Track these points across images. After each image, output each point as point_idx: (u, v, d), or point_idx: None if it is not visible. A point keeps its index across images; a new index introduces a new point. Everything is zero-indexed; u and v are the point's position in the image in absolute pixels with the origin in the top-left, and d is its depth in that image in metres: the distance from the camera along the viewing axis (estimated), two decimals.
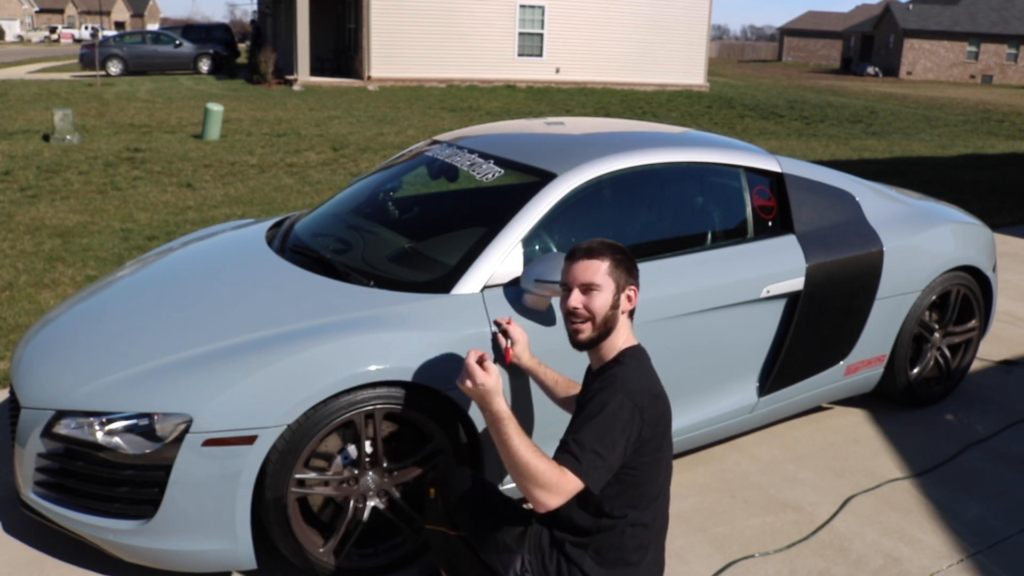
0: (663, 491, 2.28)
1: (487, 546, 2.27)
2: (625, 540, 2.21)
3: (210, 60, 28.13)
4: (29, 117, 14.72)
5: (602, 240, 2.40)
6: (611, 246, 2.37)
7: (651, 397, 2.18)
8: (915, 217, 4.04)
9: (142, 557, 2.60)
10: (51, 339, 2.97)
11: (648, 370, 2.27)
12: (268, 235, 3.67)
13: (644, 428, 2.14)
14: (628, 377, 2.19)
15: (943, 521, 3.28)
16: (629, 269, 2.36)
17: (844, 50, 63.96)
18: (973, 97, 33.50)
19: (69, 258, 6.11)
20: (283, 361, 2.56)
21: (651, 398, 2.18)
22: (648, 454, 2.17)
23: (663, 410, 2.21)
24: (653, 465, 2.19)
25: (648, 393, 2.18)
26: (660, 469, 2.23)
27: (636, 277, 2.37)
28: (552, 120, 4.13)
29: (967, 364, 4.35)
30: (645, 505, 2.21)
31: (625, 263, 2.35)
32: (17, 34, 75.04)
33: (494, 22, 25.09)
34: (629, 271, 2.36)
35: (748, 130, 16.96)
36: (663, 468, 2.25)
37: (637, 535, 2.23)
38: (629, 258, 2.37)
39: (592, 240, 2.41)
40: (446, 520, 2.34)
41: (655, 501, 2.25)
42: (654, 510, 2.25)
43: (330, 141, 12.90)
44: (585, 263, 2.33)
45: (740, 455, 3.74)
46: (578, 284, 2.32)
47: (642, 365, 2.27)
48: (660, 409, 2.20)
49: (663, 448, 2.22)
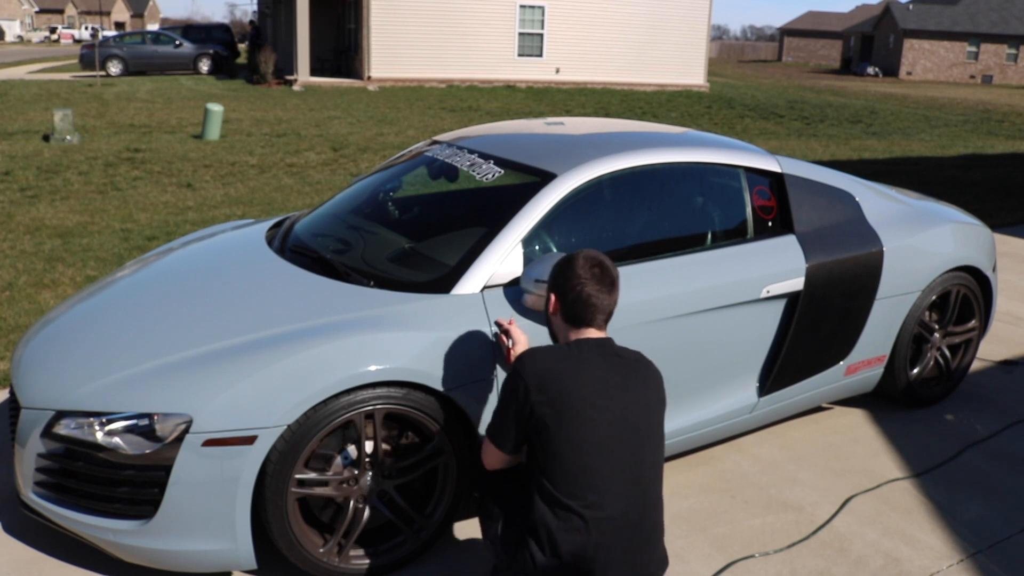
0: (599, 478, 2.22)
1: (481, 509, 2.48)
2: (557, 522, 2.20)
3: (210, 60, 28.13)
4: (29, 117, 14.73)
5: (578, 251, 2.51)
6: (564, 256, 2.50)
7: (538, 375, 2.26)
8: (915, 217, 4.04)
9: (142, 557, 2.60)
10: (51, 339, 2.97)
11: (568, 359, 2.31)
12: (268, 235, 3.67)
13: (534, 399, 2.24)
14: (532, 349, 2.34)
15: (943, 521, 3.28)
16: (554, 277, 2.47)
17: (844, 50, 63.97)
18: (973, 97, 33.51)
19: (69, 258, 6.11)
20: (283, 361, 2.57)
21: (538, 375, 2.26)
22: (552, 433, 2.22)
23: (560, 389, 2.24)
24: (567, 442, 2.21)
25: (537, 369, 2.27)
26: (581, 448, 2.21)
27: (560, 285, 2.44)
28: (552, 120, 4.13)
29: (967, 364, 4.35)
30: (568, 487, 2.20)
31: (556, 270, 2.47)
32: (17, 34, 75.06)
33: (494, 22, 25.10)
34: (553, 279, 2.48)
35: (748, 130, 16.96)
36: (585, 448, 2.21)
37: (569, 519, 2.19)
38: (561, 267, 2.46)
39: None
40: (476, 484, 2.54)
41: (592, 491, 2.20)
42: (592, 499, 2.20)
43: (330, 141, 12.90)
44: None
45: (740, 455, 3.74)
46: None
47: (567, 353, 2.33)
48: (556, 387, 2.24)
49: (575, 433, 2.21)
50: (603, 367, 2.30)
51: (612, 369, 2.31)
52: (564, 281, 2.41)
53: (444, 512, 2.87)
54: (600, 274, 2.39)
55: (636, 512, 2.24)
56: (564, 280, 2.41)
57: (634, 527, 2.24)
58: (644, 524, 2.26)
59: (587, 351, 2.33)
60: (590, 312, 2.38)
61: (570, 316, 2.40)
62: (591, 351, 2.33)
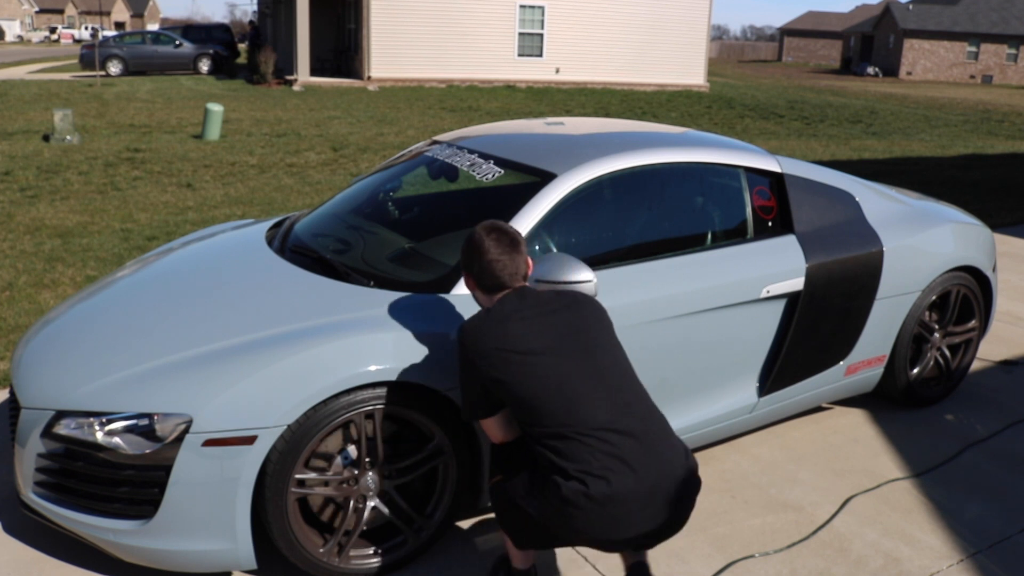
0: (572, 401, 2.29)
1: (507, 477, 2.45)
2: (558, 456, 2.26)
3: (210, 60, 28.13)
4: (29, 117, 14.73)
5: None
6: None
7: (474, 341, 2.37)
8: (915, 217, 4.04)
9: (142, 557, 2.60)
10: (51, 339, 2.97)
11: (490, 318, 2.41)
12: (268, 235, 3.67)
13: (479, 364, 2.35)
14: (461, 328, 2.44)
15: (943, 521, 3.28)
16: (460, 258, 2.57)
17: (844, 50, 63.97)
18: (973, 97, 33.51)
19: (69, 258, 6.11)
20: (283, 361, 2.57)
21: (474, 342, 2.37)
22: (512, 382, 2.32)
23: (496, 345, 2.35)
24: (527, 385, 2.31)
25: (473, 338, 2.38)
26: (541, 384, 2.30)
27: (463, 264, 2.53)
28: (552, 120, 4.13)
29: (967, 364, 4.35)
30: (550, 420, 2.28)
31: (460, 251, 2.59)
32: (17, 34, 75.06)
33: (494, 22, 25.10)
34: (460, 260, 2.58)
35: (748, 130, 16.96)
36: (545, 383, 2.30)
37: (573, 448, 2.25)
38: (463, 248, 2.54)
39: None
40: (494, 466, 2.53)
41: (571, 416, 2.27)
42: (575, 423, 2.27)
43: (330, 141, 12.90)
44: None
45: (740, 455, 3.74)
46: None
47: (488, 313, 2.43)
48: (492, 345, 2.35)
49: (531, 375, 2.31)
50: (526, 311, 2.41)
51: (536, 308, 2.42)
52: (468, 257, 2.51)
53: (444, 512, 2.87)
54: (497, 238, 2.49)
55: (626, 417, 2.31)
56: (468, 256, 2.51)
57: (632, 432, 2.29)
58: (641, 425, 2.31)
59: (507, 304, 2.43)
60: (500, 276, 2.47)
61: (485, 286, 2.49)
62: (511, 303, 2.43)
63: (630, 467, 2.23)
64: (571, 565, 2.93)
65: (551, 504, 2.27)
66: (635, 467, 2.24)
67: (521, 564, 2.66)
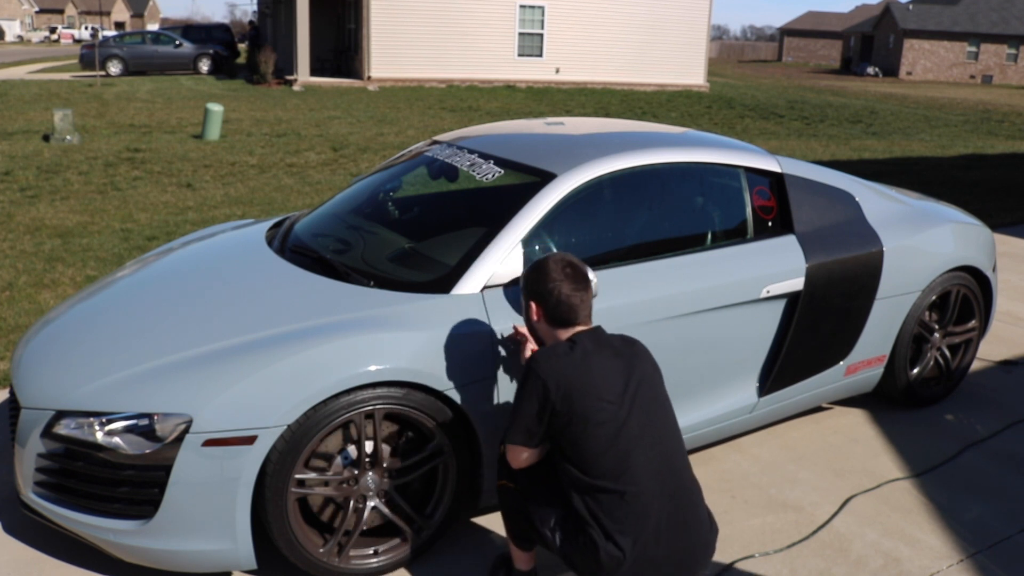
0: (626, 455, 2.30)
1: (531, 498, 2.46)
2: (600, 508, 2.29)
3: (210, 60, 28.13)
4: (29, 117, 14.73)
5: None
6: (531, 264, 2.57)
7: (553, 372, 2.32)
8: (915, 217, 4.04)
9: (142, 557, 2.60)
10: (51, 339, 2.97)
11: (574, 354, 2.37)
12: (268, 235, 3.67)
13: (554, 396, 2.31)
14: (543, 350, 2.39)
15: (943, 521, 3.28)
16: (525, 285, 2.53)
17: (844, 50, 63.97)
18: (973, 97, 33.51)
19: (69, 258, 6.11)
20: (283, 361, 2.57)
21: (554, 373, 2.32)
22: (578, 429, 2.30)
23: (575, 382, 2.32)
24: (589, 429, 2.30)
25: (552, 367, 2.33)
26: (602, 432, 2.30)
27: (534, 292, 2.50)
28: (552, 120, 4.13)
29: (967, 364, 4.35)
30: (599, 470, 2.29)
31: (525, 281, 2.54)
32: (17, 34, 75.06)
33: (494, 22, 25.10)
34: (525, 287, 2.54)
35: (748, 130, 16.96)
36: (606, 431, 2.31)
37: (612, 502, 2.28)
38: (529, 274, 2.53)
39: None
40: (508, 474, 2.53)
41: (623, 473, 2.29)
42: (625, 481, 2.28)
43: (330, 141, 12.90)
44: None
45: (740, 455, 3.74)
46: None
47: (572, 350, 2.39)
48: (570, 381, 2.32)
49: (600, 424, 2.30)
50: (604, 354, 2.40)
51: (611, 354, 2.41)
52: (541, 287, 2.48)
53: (444, 512, 2.87)
54: (573, 273, 2.48)
55: (670, 477, 2.35)
56: (540, 286, 2.48)
57: (671, 494, 2.34)
58: (680, 487, 2.36)
59: (587, 342, 2.42)
60: (573, 312, 2.46)
61: (555, 319, 2.48)
62: (590, 342, 2.42)
63: (663, 537, 2.30)
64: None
65: (581, 555, 2.32)
66: (667, 537, 2.31)
67: (524, 566, 2.66)
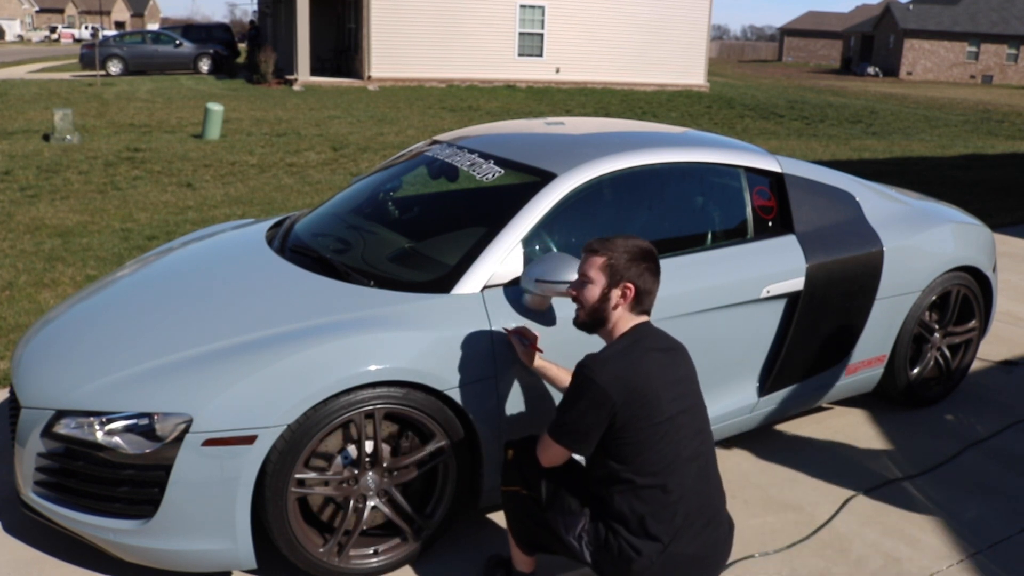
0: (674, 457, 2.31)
1: (554, 506, 2.43)
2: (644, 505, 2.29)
3: (210, 60, 28.12)
4: (29, 117, 14.73)
5: (617, 236, 2.50)
6: (613, 245, 2.46)
7: (616, 380, 2.26)
8: (915, 217, 4.04)
9: (142, 557, 2.60)
10: (51, 339, 2.97)
11: (632, 354, 2.32)
12: (268, 235, 3.67)
13: (618, 404, 2.25)
14: (596, 357, 2.31)
15: (943, 521, 3.28)
16: (627, 267, 2.43)
17: (844, 50, 63.96)
18: (973, 97, 33.51)
19: (69, 258, 6.11)
20: (283, 361, 2.56)
21: (617, 380, 2.26)
22: (635, 429, 2.27)
23: (637, 386, 2.27)
24: (650, 432, 2.28)
25: (614, 375, 2.26)
26: (658, 432, 2.29)
27: (635, 275, 2.44)
28: (552, 120, 4.13)
29: (967, 364, 4.35)
30: (652, 470, 2.29)
31: (623, 261, 2.44)
32: (17, 34, 75.05)
33: (494, 22, 25.09)
34: (626, 269, 2.43)
35: (748, 130, 16.96)
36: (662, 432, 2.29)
37: (655, 498, 2.29)
38: (633, 257, 2.44)
39: (611, 236, 2.52)
40: (520, 480, 2.49)
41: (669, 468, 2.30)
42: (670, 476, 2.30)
43: (330, 141, 12.90)
44: (585, 256, 2.50)
45: (740, 455, 3.74)
46: (579, 274, 2.52)
47: (628, 349, 2.34)
48: (632, 386, 2.27)
49: (656, 423, 2.28)
50: (656, 350, 2.38)
51: (665, 347, 2.40)
52: (639, 272, 2.45)
53: (444, 512, 2.87)
54: (655, 265, 2.48)
55: (706, 475, 2.37)
56: (639, 271, 2.45)
57: (706, 496, 2.36)
58: (712, 490, 2.38)
59: (641, 338, 2.39)
60: (651, 299, 2.48)
61: (639, 305, 2.46)
62: (644, 338, 2.39)
63: (695, 534, 2.32)
64: (571, 565, 2.92)
65: (613, 558, 2.32)
66: (699, 534, 2.33)
67: (526, 568, 2.66)
